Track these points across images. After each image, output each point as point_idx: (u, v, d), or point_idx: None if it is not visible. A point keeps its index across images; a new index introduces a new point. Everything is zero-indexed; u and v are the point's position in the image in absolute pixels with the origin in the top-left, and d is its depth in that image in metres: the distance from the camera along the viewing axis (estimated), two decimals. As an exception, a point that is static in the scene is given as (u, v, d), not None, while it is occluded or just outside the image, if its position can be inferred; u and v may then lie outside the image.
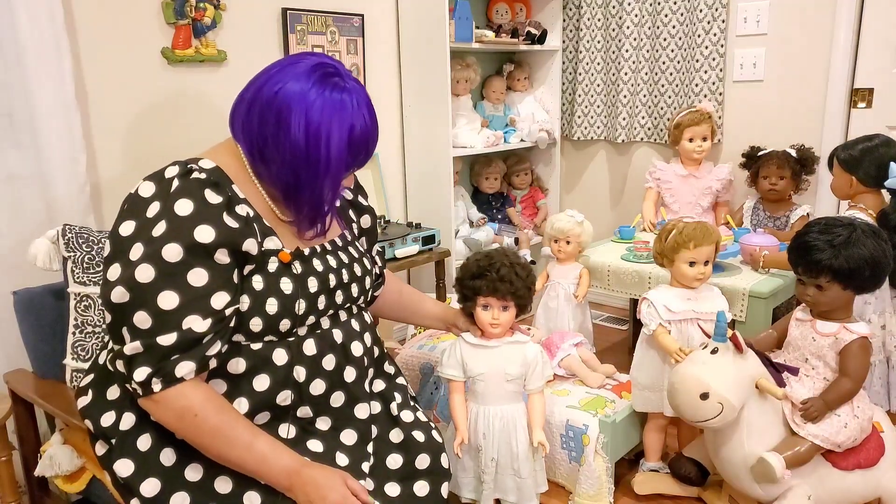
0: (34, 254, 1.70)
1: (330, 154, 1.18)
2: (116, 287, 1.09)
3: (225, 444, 1.15)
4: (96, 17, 2.11)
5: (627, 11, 3.21)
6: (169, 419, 1.14)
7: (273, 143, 1.17)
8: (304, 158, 1.17)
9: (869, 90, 2.75)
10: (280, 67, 1.22)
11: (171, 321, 1.10)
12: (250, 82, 1.24)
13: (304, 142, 1.16)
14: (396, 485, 1.34)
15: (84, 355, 1.68)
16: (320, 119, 1.16)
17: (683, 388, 1.69)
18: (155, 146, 2.29)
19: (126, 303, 1.09)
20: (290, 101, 1.16)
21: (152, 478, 1.17)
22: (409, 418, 1.45)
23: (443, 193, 3.05)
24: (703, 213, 2.89)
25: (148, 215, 1.12)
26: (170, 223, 1.11)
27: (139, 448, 1.19)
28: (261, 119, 1.18)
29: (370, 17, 2.91)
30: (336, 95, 1.18)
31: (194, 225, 1.11)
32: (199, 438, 1.15)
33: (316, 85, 1.18)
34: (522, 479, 1.75)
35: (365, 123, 1.22)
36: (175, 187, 1.14)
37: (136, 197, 1.15)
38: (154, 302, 1.09)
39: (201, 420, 1.13)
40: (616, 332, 3.40)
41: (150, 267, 1.09)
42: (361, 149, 1.23)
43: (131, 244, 1.11)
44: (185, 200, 1.13)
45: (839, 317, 1.75)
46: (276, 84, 1.18)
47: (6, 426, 1.76)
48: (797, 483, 1.73)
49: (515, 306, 1.71)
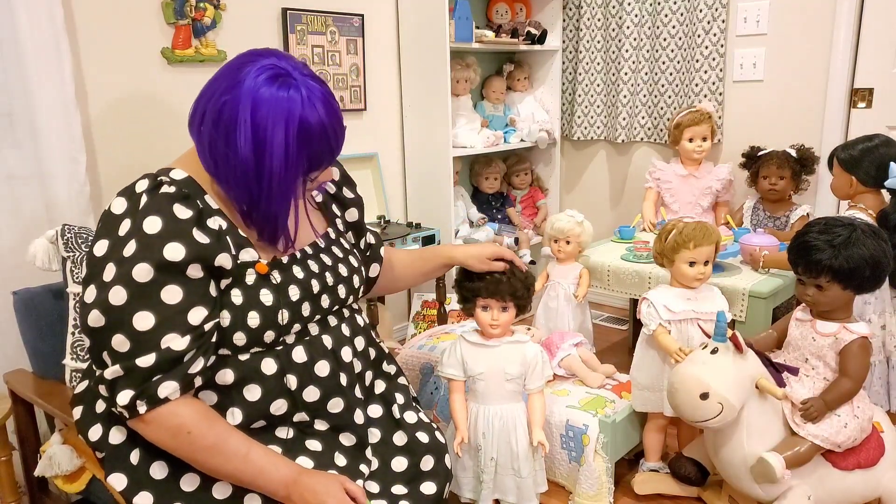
0: (33, 253, 1.70)
1: (273, 162, 1.11)
2: (92, 311, 1.08)
3: (220, 459, 1.13)
4: (96, 17, 2.11)
5: (627, 11, 3.21)
6: (162, 438, 1.12)
7: (222, 161, 1.12)
8: (253, 172, 1.11)
9: (869, 90, 2.75)
10: (225, 76, 1.14)
11: (148, 342, 1.07)
12: (201, 92, 1.17)
13: (251, 154, 1.10)
14: (403, 486, 1.34)
15: (84, 355, 1.68)
16: (264, 126, 1.09)
17: (683, 388, 1.69)
18: (155, 146, 2.29)
19: (102, 327, 1.08)
20: (232, 113, 1.09)
21: (145, 491, 1.17)
22: (413, 419, 1.45)
23: (443, 193, 3.05)
24: (703, 213, 2.89)
25: (119, 233, 1.09)
26: (139, 242, 1.08)
27: (131, 461, 1.18)
28: (209, 136, 1.12)
29: (370, 17, 2.91)
30: (282, 93, 1.10)
31: (164, 243, 1.08)
32: (194, 455, 1.13)
33: (260, 88, 1.10)
34: (522, 478, 1.75)
35: (319, 119, 1.12)
36: (143, 204, 1.11)
37: (109, 214, 1.12)
38: (130, 323, 1.07)
39: (195, 437, 1.11)
40: (616, 332, 3.40)
41: (121, 289, 1.06)
42: (316, 148, 1.14)
43: (104, 264, 1.09)
44: (153, 217, 1.09)
45: (839, 317, 1.75)
46: (222, 96, 1.11)
47: (6, 426, 1.76)
48: (797, 483, 1.73)
49: (515, 307, 1.71)
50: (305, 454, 1.25)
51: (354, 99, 2.91)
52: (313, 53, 2.70)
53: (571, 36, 3.48)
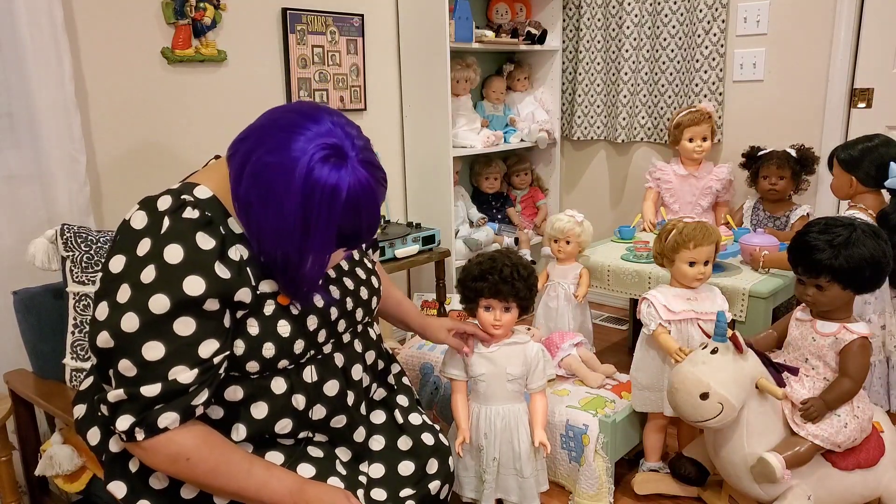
0: (33, 253, 1.71)
1: (314, 244, 1.09)
2: (102, 332, 1.06)
3: (223, 480, 1.12)
4: (96, 17, 2.11)
5: (627, 11, 3.21)
6: (160, 464, 1.10)
7: (260, 218, 1.09)
8: (289, 246, 1.09)
9: (869, 90, 2.75)
10: (282, 129, 1.08)
11: (156, 372, 1.05)
12: (252, 129, 1.11)
13: (293, 232, 1.07)
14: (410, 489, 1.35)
15: (84, 355, 1.68)
16: (309, 209, 1.06)
17: (683, 388, 1.69)
18: (155, 146, 2.29)
19: (111, 349, 1.06)
20: (282, 178, 1.05)
21: (144, 500, 1.16)
22: (417, 421, 1.45)
23: (443, 193, 3.05)
24: (703, 213, 2.89)
25: (138, 253, 1.07)
26: (159, 270, 1.05)
27: (130, 469, 1.17)
28: (249, 190, 1.08)
29: (370, 17, 2.91)
30: (333, 175, 1.05)
31: (184, 275, 1.05)
32: (195, 478, 1.11)
33: (316, 168, 1.05)
34: (524, 478, 1.75)
35: (361, 210, 1.09)
36: (166, 228, 1.07)
37: (128, 228, 1.10)
38: (139, 352, 1.04)
39: (195, 462, 1.10)
40: (616, 332, 3.40)
41: (135, 316, 1.04)
42: (353, 231, 1.12)
43: (119, 284, 1.06)
44: (175, 246, 1.06)
45: (839, 317, 1.75)
46: (271, 154, 1.06)
47: (6, 426, 1.75)
48: (797, 483, 1.73)
49: (518, 307, 1.71)
50: (306, 460, 1.24)
51: (354, 99, 2.91)
52: (313, 53, 2.70)
53: (571, 36, 3.48)
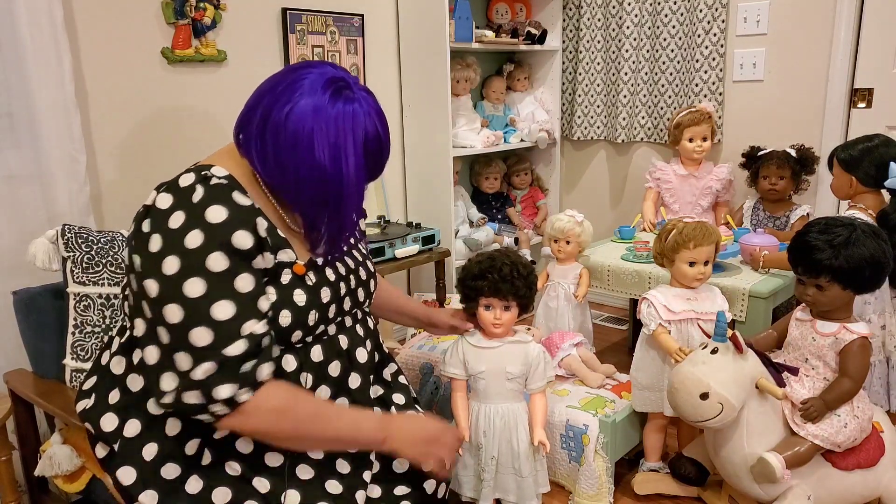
0: (33, 253, 1.71)
1: (350, 171, 1.14)
2: (167, 306, 1.05)
3: (322, 424, 1.17)
4: (96, 17, 2.11)
5: (627, 11, 3.21)
6: (264, 425, 1.12)
7: (294, 168, 1.13)
8: (331, 183, 1.14)
9: (869, 90, 2.75)
10: (286, 84, 1.14)
11: (232, 331, 1.06)
12: (256, 99, 1.17)
13: (329, 164, 1.12)
14: (405, 487, 1.34)
15: (84, 355, 1.68)
16: (337, 137, 1.12)
17: (683, 388, 1.69)
18: (155, 146, 2.29)
19: (181, 322, 1.05)
20: (305, 123, 1.11)
21: (151, 490, 1.16)
22: None
23: (443, 193, 3.05)
24: (703, 213, 2.89)
25: (172, 226, 1.07)
26: (206, 232, 1.07)
27: (143, 457, 1.17)
28: (276, 145, 1.12)
29: (370, 17, 2.91)
30: (348, 108, 1.14)
31: (232, 230, 1.08)
32: (298, 429, 1.15)
33: (329, 101, 1.13)
34: (523, 478, 1.75)
35: (377, 132, 1.18)
36: (201, 195, 1.10)
37: (154, 210, 1.10)
38: (209, 315, 1.05)
39: (298, 410, 1.15)
40: (616, 332, 3.40)
41: (198, 280, 1.05)
42: (376, 159, 1.20)
43: (163, 258, 1.06)
44: (216, 207, 1.09)
45: (839, 317, 1.75)
46: (286, 105, 1.12)
47: (6, 426, 1.76)
48: (797, 483, 1.73)
49: (517, 306, 1.71)
50: (305, 461, 1.24)
51: (354, 99, 2.91)
52: (313, 53, 2.70)
53: (571, 36, 3.48)
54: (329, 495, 1.23)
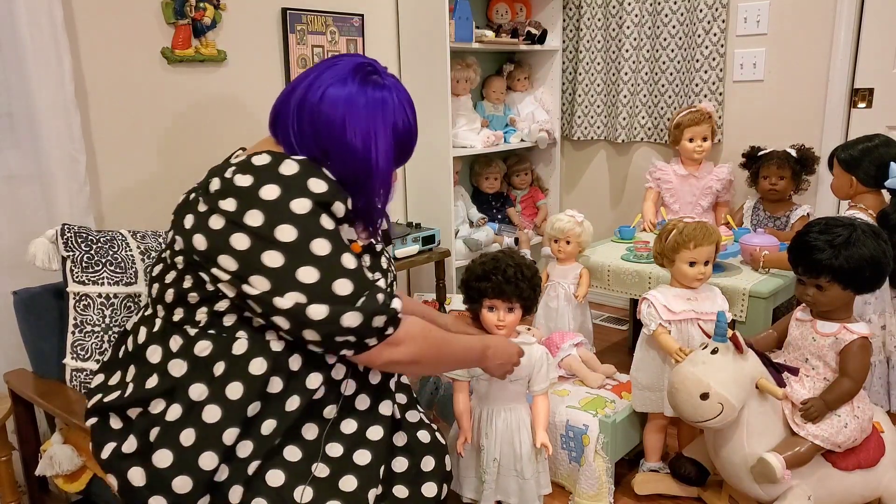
0: (33, 253, 1.70)
1: (380, 155, 1.22)
2: (301, 268, 1.13)
3: (448, 346, 1.37)
4: (96, 17, 2.10)
5: (627, 11, 3.21)
6: (417, 349, 1.25)
7: (330, 148, 1.21)
8: (360, 161, 1.22)
9: (869, 90, 2.75)
10: (319, 71, 1.24)
11: (361, 273, 1.17)
12: (292, 87, 1.26)
13: (360, 145, 1.21)
14: (404, 488, 1.34)
15: (84, 355, 1.68)
16: (368, 120, 1.21)
17: (683, 388, 1.69)
18: (155, 146, 2.29)
19: (320, 279, 1.13)
20: (337, 106, 1.20)
21: (185, 475, 1.17)
22: (415, 418, 1.45)
23: (443, 193, 3.05)
24: (703, 213, 2.89)
25: (268, 198, 1.14)
26: (282, 184, 1.14)
27: (181, 443, 1.18)
28: (313, 126, 1.21)
29: (370, 17, 2.91)
30: (377, 94, 1.23)
31: (307, 177, 1.16)
32: (440, 349, 1.33)
33: (359, 86, 1.21)
34: (525, 480, 1.75)
35: (406, 119, 1.27)
36: (269, 161, 1.17)
37: (235, 187, 1.15)
38: (342, 266, 1.15)
39: (434, 332, 1.30)
40: (616, 332, 3.40)
41: (321, 241, 1.15)
42: (405, 145, 1.29)
43: (274, 227, 1.13)
44: (289, 162, 1.17)
45: (839, 317, 1.75)
46: (318, 89, 1.21)
47: (6, 426, 1.76)
48: (797, 483, 1.73)
49: (521, 308, 1.71)
50: (336, 439, 1.28)
51: (354, 99, 2.91)
52: (313, 53, 2.70)
53: (571, 36, 3.48)
54: (341, 493, 1.24)
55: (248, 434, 1.21)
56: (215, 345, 1.21)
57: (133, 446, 1.21)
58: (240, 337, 1.21)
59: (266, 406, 1.21)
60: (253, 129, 2.52)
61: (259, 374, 1.19)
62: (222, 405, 1.18)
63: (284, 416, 1.22)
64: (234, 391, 1.18)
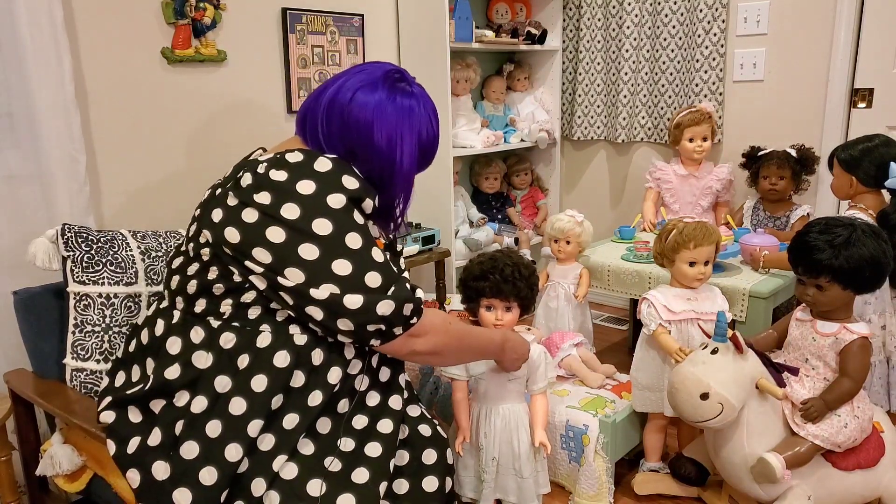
0: (33, 253, 1.70)
1: (404, 158, 1.28)
2: (338, 261, 1.16)
3: (468, 337, 1.40)
4: (96, 17, 2.10)
5: (627, 11, 3.21)
6: (440, 340, 1.30)
7: (356, 148, 1.26)
8: (385, 163, 1.27)
9: (869, 90, 2.75)
10: (350, 75, 1.29)
11: (389, 268, 1.21)
12: (319, 90, 1.31)
13: (386, 148, 1.25)
14: (405, 481, 1.35)
15: (84, 355, 1.68)
16: (395, 125, 1.26)
17: (683, 388, 1.69)
18: (155, 146, 2.29)
19: (352, 273, 1.17)
20: (367, 109, 1.25)
21: (212, 467, 1.18)
22: (416, 412, 1.46)
23: (443, 193, 3.05)
24: (703, 213, 2.89)
25: (303, 192, 1.18)
26: (317, 180, 1.18)
27: (208, 433, 1.19)
28: (342, 126, 1.26)
29: (370, 17, 2.91)
30: (405, 101, 1.28)
31: (341, 174, 1.21)
32: (461, 340, 1.37)
33: (388, 92, 1.26)
34: (523, 479, 1.75)
35: (431, 128, 1.32)
36: (329, 166, 1.21)
37: (271, 182, 1.19)
38: (373, 259, 1.19)
39: (455, 323, 1.34)
40: (616, 332, 3.40)
41: (354, 235, 1.19)
42: (428, 153, 1.34)
43: (311, 221, 1.17)
44: (322, 159, 1.21)
45: (839, 317, 1.75)
46: (349, 91, 1.26)
47: (6, 426, 1.75)
48: (797, 483, 1.73)
49: (519, 307, 1.71)
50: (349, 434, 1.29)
51: (354, 99, 2.91)
52: (313, 53, 2.70)
53: (571, 36, 3.48)
54: (353, 486, 1.25)
55: (270, 427, 1.22)
56: (239, 337, 1.22)
57: (158, 439, 1.21)
58: (263, 330, 1.23)
59: (288, 400, 1.23)
60: (253, 129, 2.52)
61: (283, 366, 1.21)
62: (247, 397, 1.19)
63: (307, 412, 1.24)
64: (258, 384, 1.20)
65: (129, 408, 1.27)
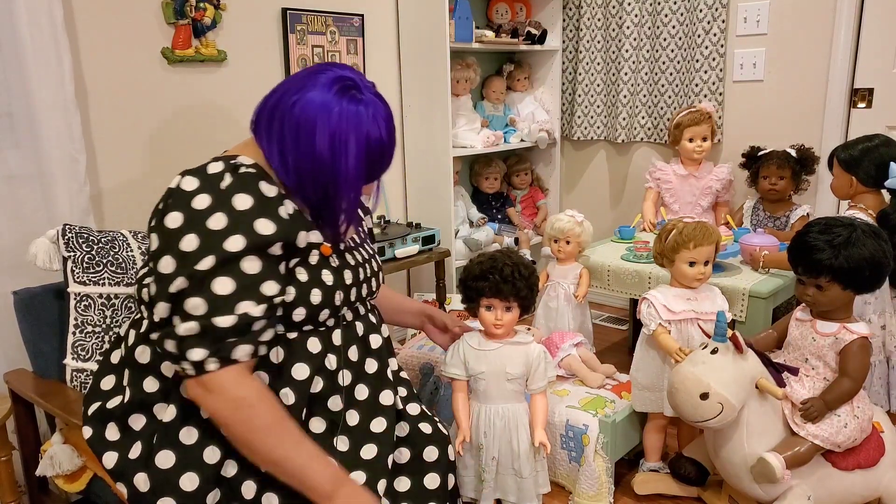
0: (34, 253, 1.70)
1: (349, 166, 1.20)
2: (176, 279, 1.11)
3: (274, 440, 1.14)
4: (96, 17, 2.10)
5: (627, 11, 3.21)
6: (222, 409, 1.13)
7: (296, 154, 1.20)
8: (327, 167, 1.20)
9: (869, 90, 2.75)
10: (300, 78, 1.23)
11: (227, 305, 1.12)
12: (273, 91, 1.25)
13: (328, 151, 1.19)
14: (406, 479, 1.35)
15: (84, 355, 1.68)
16: (338, 128, 1.19)
17: (683, 388, 1.69)
18: (155, 146, 2.29)
19: (184, 290, 1.11)
20: (310, 113, 1.18)
21: (192, 472, 1.18)
22: (416, 411, 1.46)
23: (443, 193, 3.05)
24: (703, 213, 2.89)
25: (196, 207, 1.13)
26: (230, 216, 1.13)
27: (182, 441, 1.19)
28: (282, 130, 1.20)
29: (370, 17, 2.91)
30: (352, 107, 1.20)
31: (255, 218, 1.15)
32: (251, 432, 1.13)
33: (335, 96, 1.20)
34: (523, 478, 1.75)
35: (380, 133, 1.23)
36: (228, 182, 1.16)
37: (179, 191, 1.16)
38: (210, 288, 1.11)
39: (257, 412, 1.13)
40: (616, 332, 3.40)
41: (210, 257, 1.11)
42: (376, 161, 1.25)
43: (181, 235, 1.12)
44: (243, 195, 1.15)
45: (839, 317, 1.75)
46: (295, 94, 1.20)
47: (6, 426, 1.76)
48: (797, 483, 1.73)
49: (519, 307, 1.71)
50: (332, 453, 1.27)
51: (354, 99, 2.91)
52: (313, 53, 2.70)
53: (571, 36, 3.48)
54: None
55: None
56: None
57: (138, 451, 1.22)
58: None
59: None
60: (253, 129, 2.52)
61: None
62: None
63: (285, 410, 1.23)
64: None
65: (108, 423, 1.26)
